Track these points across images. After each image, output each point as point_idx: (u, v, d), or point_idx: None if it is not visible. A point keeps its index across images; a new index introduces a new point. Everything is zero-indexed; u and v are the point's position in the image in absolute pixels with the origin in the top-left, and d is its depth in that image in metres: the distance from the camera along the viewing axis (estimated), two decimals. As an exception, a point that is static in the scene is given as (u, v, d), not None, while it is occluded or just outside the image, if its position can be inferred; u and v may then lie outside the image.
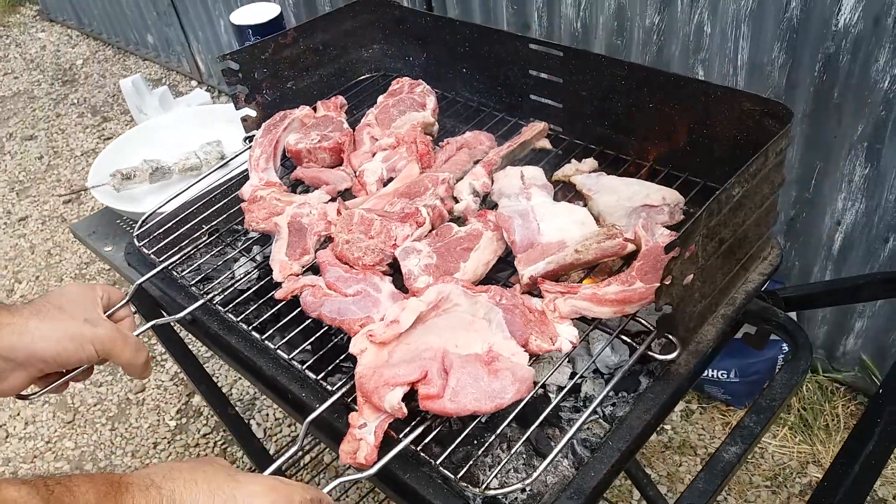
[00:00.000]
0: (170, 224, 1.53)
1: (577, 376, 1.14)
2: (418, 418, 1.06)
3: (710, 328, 1.18)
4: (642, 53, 2.45)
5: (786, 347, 2.50)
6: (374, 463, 1.00)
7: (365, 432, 1.02)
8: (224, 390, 2.73)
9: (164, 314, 1.47)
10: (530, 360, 1.08)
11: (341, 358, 1.19)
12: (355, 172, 1.55)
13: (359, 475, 1.01)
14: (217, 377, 3.04)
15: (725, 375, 2.50)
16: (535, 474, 0.97)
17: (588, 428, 1.16)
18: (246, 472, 0.92)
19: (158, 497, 0.81)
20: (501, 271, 1.34)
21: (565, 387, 1.16)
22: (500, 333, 1.11)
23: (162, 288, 1.46)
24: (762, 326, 1.32)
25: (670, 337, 1.10)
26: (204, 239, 1.50)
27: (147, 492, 0.81)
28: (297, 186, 1.63)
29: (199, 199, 1.58)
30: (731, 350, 1.68)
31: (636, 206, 1.30)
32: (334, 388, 1.14)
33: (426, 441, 1.06)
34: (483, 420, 1.15)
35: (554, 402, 1.10)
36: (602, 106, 1.45)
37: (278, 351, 1.25)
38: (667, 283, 0.98)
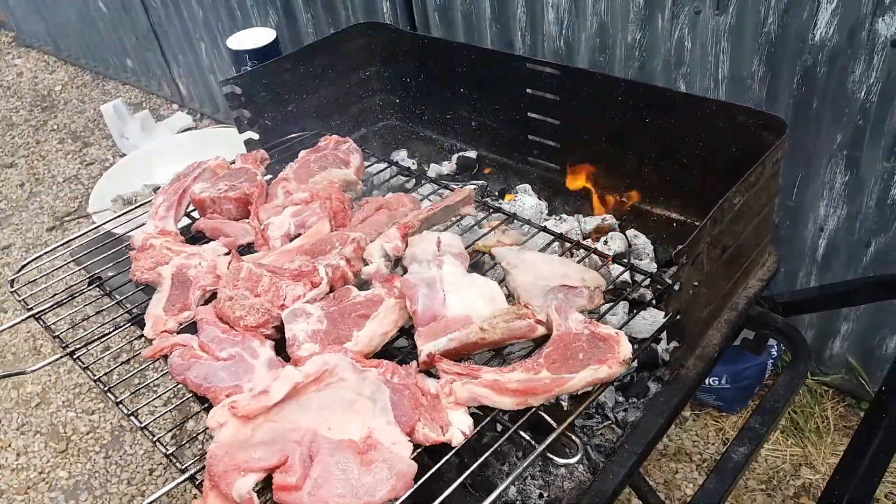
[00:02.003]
0: (52, 271, 1.47)
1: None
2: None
3: (714, 333, 1.22)
4: (625, 69, 2.51)
5: (775, 353, 2.56)
6: None
7: None
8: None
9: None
10: (413, 451, 0.96)
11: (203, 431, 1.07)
12: (261, 226, 1.43)
13: None
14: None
15: (717, 382, 2.54)
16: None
17: (601, 433, 1.19)
18: None
19: None
20: (403, 345, 1.24)
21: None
22: (384, 418, 0.98)
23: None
24: (761, 331, 1.37)
25: (571, 437, 1.02)
26: (84, 288, 1.42)
27: None
28: (199, 241, 1.51)
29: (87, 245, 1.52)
30: (722, 357, 1.72)
31: (554, 285, 1.22)
32: (186, 466, 1.03)
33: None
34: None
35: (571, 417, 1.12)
36: (599, 122, 1.50)
37: (131, 418, 1.15)
38: (675, 288, 1.02)
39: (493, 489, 1.10)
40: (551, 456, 0.99)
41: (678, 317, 1.07)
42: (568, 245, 1.42)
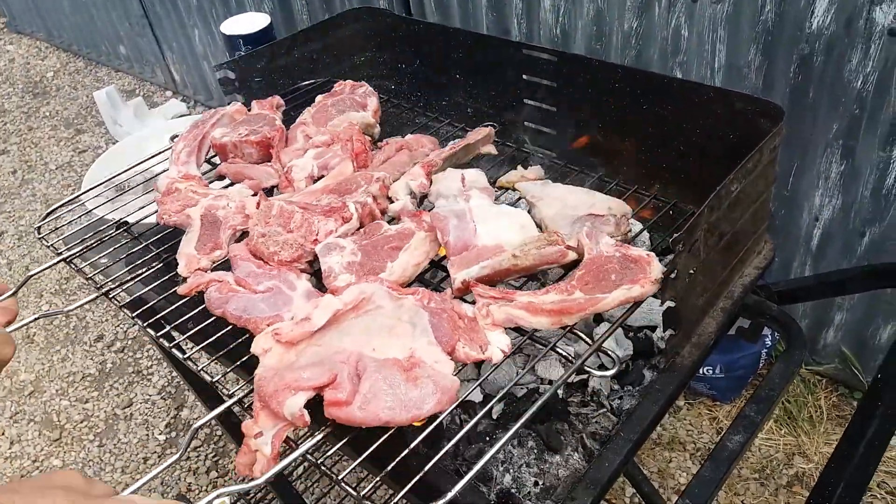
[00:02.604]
0: (78, 217, 1.48)
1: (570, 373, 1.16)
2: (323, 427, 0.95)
3: (710, 321, 1.22)
4: (621, 57, 2.50)
5: (769, 342, 2.56)
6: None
7: (261, 442, 0.90)
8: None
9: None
10: (456, 369, 0.99)
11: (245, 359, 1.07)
12: (284, 169, 1.44)
13: (242, 486, 0.87)
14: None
15: (711, 371, 2.55)
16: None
17: (596, 421, 1.19)
18: (103, 495, 0.76)
19: None
20: (433, 276, 1.25)
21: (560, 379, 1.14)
22: (425, 339, 1.00)
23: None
24: (756, 320, 1.37)
25: (608, 352, 1.05)
26: (111, 233, 1.42)
27: None
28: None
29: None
30: (718, 345, 1.73)
31: (581, 215, 1.23)
32: (232, 392, 1.03)
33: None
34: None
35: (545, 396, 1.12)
36: (596, 109, 1.49)
37: (173, 350, 1.14)
38: (672, 276, 1.02)
39: (488, 478, 1.11)
40: (589, 368, 1.00)
41: (674, 304, 1.07)
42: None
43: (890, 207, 2.11)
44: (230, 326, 1.12)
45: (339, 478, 0.91)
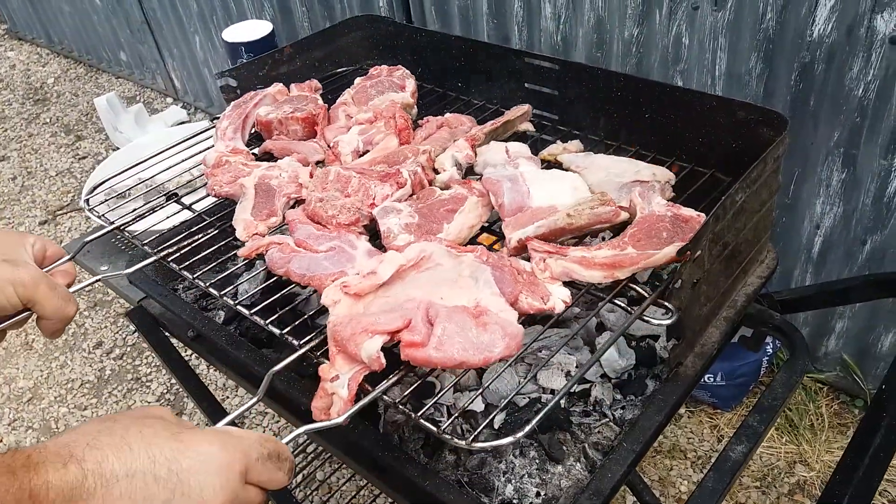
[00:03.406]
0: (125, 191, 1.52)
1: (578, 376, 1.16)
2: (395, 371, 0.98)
3: (713, 330, 1.21)
4: (622, 65, 2.51)
5: (770, 350, 2.56)
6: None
7: (337, 385, 0.93)
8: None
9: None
10: (519, 318, 1.01)
11: (307, 315, 1.13)
12: (329, 145, 1.48)
13: (325, 424, 0.89)
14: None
15: (712, 379, 2.54)
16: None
17: (598, 431, 1.18)
18: (193, 426, 0.78)
19: (80, 474, 0.64)
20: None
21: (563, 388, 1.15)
22: (488, 290, 1.03)
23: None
24: (759, 329, 1.37)
25: (666, 304, 1.05)
26: (161, 202, 1.44)
27: (65, 470, 0.64)
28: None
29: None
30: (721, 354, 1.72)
31: (626, 181, 1.27)
32: (301, 343, 1.05)
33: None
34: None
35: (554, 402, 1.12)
36: (598, 117, 1.49)
37: (239, 307, 1.16)
38: (676, 285, 1.02)
39: (490, 488, 1.10)
40: (647, 317, 1.02)
41: (679, 314, 1.07)
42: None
43: (891, 216, 2.11)
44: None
45: (417, 416, 0.95)
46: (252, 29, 2.03)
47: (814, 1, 1.94)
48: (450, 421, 0.99)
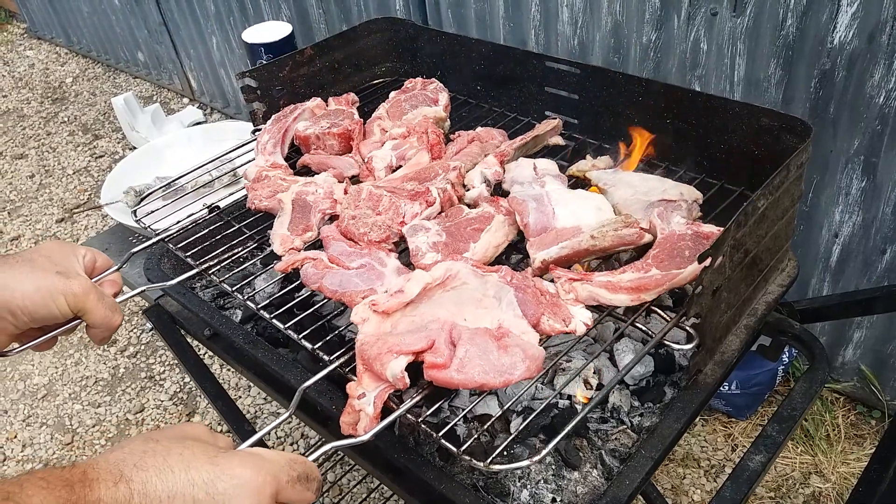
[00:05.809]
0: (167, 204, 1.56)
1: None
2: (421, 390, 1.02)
3: (733, 338, 1.20)
4: (640, 70, 2.49)
5: (786, 359, 2.54)
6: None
7: (364, 403, 0.97)
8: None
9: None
10: (541, 340, 1.04)
11: (337, 331, 1.17)
12: (363, 160, 1.53)
13: (350, 441, 0.93)
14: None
15: (727, 387, 2.53)
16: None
17: (616, 438, 1.17)
18: (226, 447, 0.83)
19: (128, 493, 0.70)
20: (509, 259, 1.31)
21: (594, 398, 1.16)
22: (511, 312, 1.06)
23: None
24: (778, 338, 1.35)
25: (687, 329, 1.07)
26: (204, 215, 1.50)
27: (115, 488, 0.70)
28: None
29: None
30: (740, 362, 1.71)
31: (653, 200, 1.27)
32: (331, 359, 1.09)
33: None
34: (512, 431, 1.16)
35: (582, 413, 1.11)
36: (618, 122, 1.48)
37: (274, 321, 1.21)
38: (697, 292, 1.01)
39: (506, 493, 1.10)
40: (668, 342, 1.04)
41: (699, 321, 1.06)
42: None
43: (912, 225, 2.09)
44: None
45: (438, 436, 0.98)
46: (272, 30, 2.03)
47: (835, 7, 1.92)
48: (468, 443, 1.00)
